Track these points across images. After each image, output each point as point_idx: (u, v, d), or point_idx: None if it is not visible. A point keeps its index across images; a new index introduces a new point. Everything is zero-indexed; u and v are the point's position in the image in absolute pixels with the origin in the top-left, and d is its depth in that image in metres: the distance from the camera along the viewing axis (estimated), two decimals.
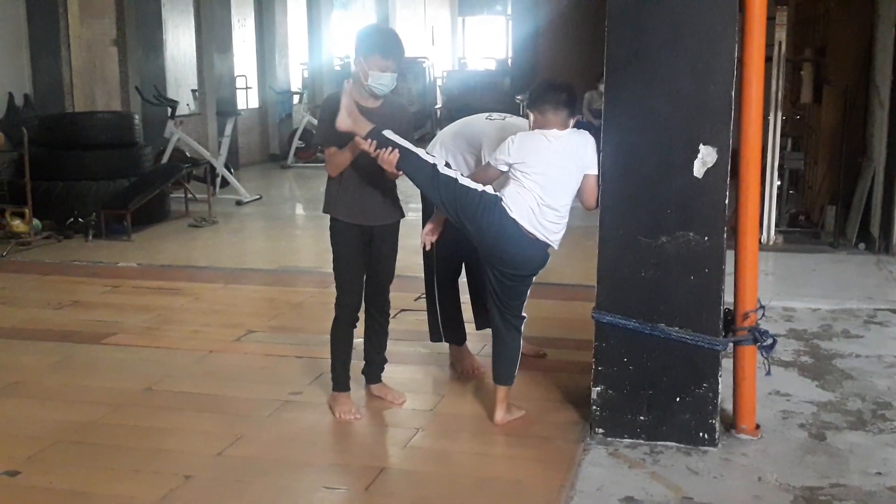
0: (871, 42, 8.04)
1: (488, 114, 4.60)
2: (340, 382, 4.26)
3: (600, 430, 3.90)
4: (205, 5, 13.32)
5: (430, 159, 3.94)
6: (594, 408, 3.91)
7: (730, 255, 3.78)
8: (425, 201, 4.47)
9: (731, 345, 3.85)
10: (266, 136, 15.46)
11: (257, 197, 11.11)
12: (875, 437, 3.94)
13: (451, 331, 4.80)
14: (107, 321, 5.78)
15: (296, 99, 15.83)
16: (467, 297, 4.88)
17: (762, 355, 3.87)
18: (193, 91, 13.33)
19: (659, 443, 3.83)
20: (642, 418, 3.85)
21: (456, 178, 3.90)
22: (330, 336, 4.25)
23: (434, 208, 4.17)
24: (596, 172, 3.89)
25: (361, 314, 4.27)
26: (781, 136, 8.07)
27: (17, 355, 5.15)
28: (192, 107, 13.23)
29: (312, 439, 4.05)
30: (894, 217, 7.30)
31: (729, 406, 3.97)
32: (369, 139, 3.84)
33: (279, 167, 14.40)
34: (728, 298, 3.80)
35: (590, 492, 3.45)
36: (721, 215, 3.68)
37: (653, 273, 3.76)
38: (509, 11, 23.79)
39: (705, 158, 3.65)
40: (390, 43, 3.99)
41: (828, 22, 8.62)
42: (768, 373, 4.01)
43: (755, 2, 3.68)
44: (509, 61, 20.10)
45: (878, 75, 7.78)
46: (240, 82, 14.56)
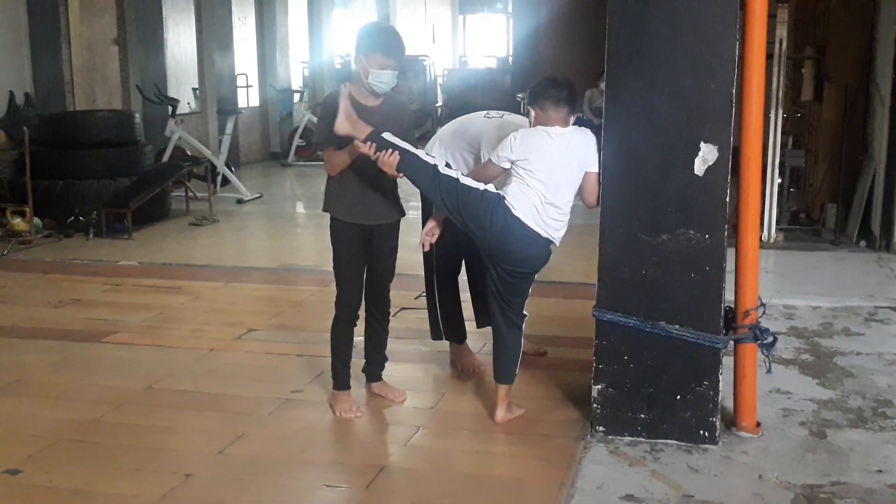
0: (871, 39, 8.03)
1: (486, 112, 4.60)
2: (341, 381, 4.26)
3: (601, 428, 3.90)
4: (205, 3, 13.31)
5: (430, 160, 3.93)
6: (595, 406, 3.91)
7: (730, 253, 3.78)
8: (425, 200, 4.46)
9: (732, 343, 3.85)
10: (267, 135, 15.47)
11: (258, 195, 11.12)
12: (875, 434, 3.94)
13: (452, 329, 4.80)
14: (108, 320, 5.78)
15: (296, 97, 15.83)
16: (468, 296, 4.88)
17: (763, 353, 3.87)
18: (194, 89, 13.32)
19: (659, 441, 3.83)
20: (643, 416, 3.85)
21: (457, 178, 3.88)
22: (330, 334, 4.25)
23: (433, 207, 4.16)
24: (597, 170, 3.89)
25: (361, 312, 4.28)
26: (782, 133, 8.05)
27: (18, 354, 5.16)
28: (193, 105, 13.22)
29: (313, 438, 4.05)
30: (895, 215, 7.30)
31: (729, 404, 3.97)
32: (368, 142, 3.83)
33: (280, 165, 14.41)
34: (729, 296, 3.80)
35: (590, 490, 3.45)
36: (722, 213, 3.68)
37: (653, 271, 3.76)
38: (510, 9, 23.74)
39: (706, 156, 3.64)
40: (391, 41, 3.99)
41: (829, 19, 8.60)
42: (769, 371, 4.01)
43: None
44: (510, 59, 20.07)
45: (878, 73, 7.77)
46: (240, 80, 14.55)
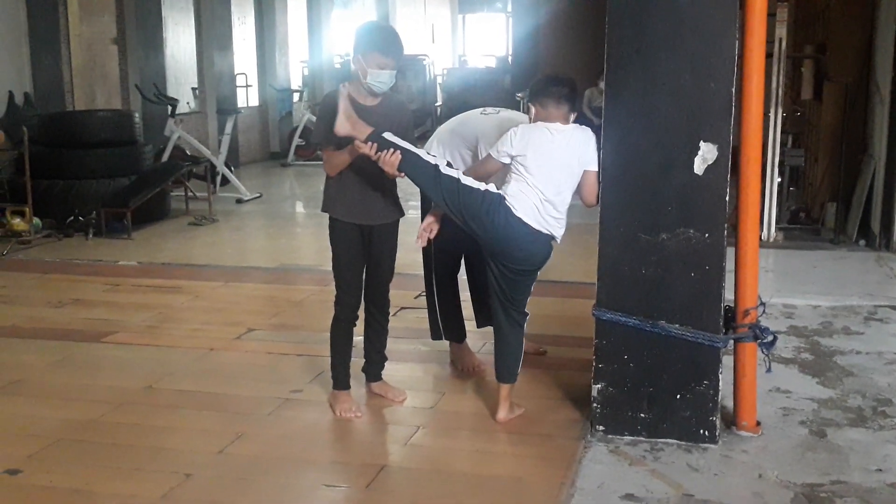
0: (871, 38, 8.03)
1: (483, 108, 4.59)
2: (341, 380, 4.26)
3: (601, 428, 3.90)
4: (205, 3, 13.32)
5: (431, 160, 3.93)
6: (595, 405, 3.91)
7: (730, 252, 3.78)
8: (424, 198, 4.46)
9: (732, 342, 3.85)
10: (266, 134, 15.48)
11: (258, 195, 11.12)
12: (875, 433, 3.94)
13: (451, 328, 4.79)
14: (107, 319, 5.78)
15: (296, 97, 15.85)
16: (467, 295, 4.87)
17: (762, 352, 3.87)
18: (194, 89, 13.33)
19: (659, 440, 3.83)
20: (643, 415, 3.85)
21: (458, 178, 3.88)
22: (330, 334, 4.25)
23: (432, 204, 4.15)
24: (596, 169, 3.89)
25: (361, 312, 4.28)
26: (782, 132, 8.05)
27: (18, 354, 5.15)
28: (193, 105, 13.23)
29: (313, 437, 4.05)
30: (895, 214, 7.30)
31: (729, 403, 3.97)
32: (369, 142, 3.83)
33: (279, 165, 14.41)
34: (728, 295, 3.80)
35: (590, 489, 3.45)
36: (721, 212, 3.68)
37: (653, 270, 3.76)
38: (509, 9, 23.75)
39: (706, 155, 3.64)
40: (389, 41, 3.98)
41: (828, 18, 8.61)
42: (769, 370, 4.01)
43: None
44: (510, 59, 20.05)
45: (878, 72, 7.77)
46: (240, 80, 14.57)
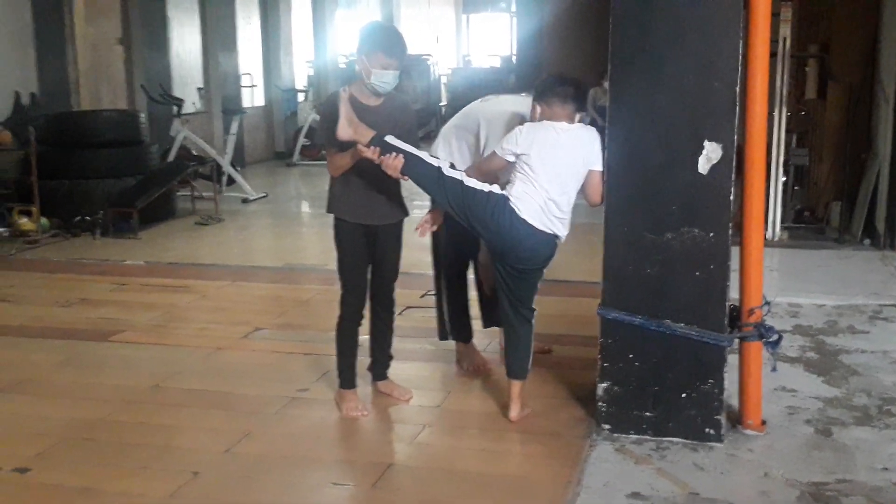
0: (875, 38, 8.03)
1: (483, 98, 4.61)
2: (347, 379, 4.27)
3: (607, 427, 3.91)
4: (210, 4, 13.34)
5: (434, 162, 3.93)
6: (600, 404, 3.92)
7: (735, 252, 3.78)
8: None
9: (737, 341, 3.85)
10: (272, 134, 15.50)
11: (263, 195, 11.14)
12: (881, 432, 3.95)
13: (458, 328, 4.81)
14: (114, 319, 5.80)
15: (301, 97, 15.86)
16: (474, 294, 4.88)
17: (768, 351, 3.88)
18: (199, 89, 13.35)
19: (665, 439, 3.84)
20: (648, 414, 3.86)
21: (461, 180, 3.88)
22: (336, 334, 4.26)
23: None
24: (601, 169, 3.89)
25: (367, 312, 4.29)
26: (786, 132, 8.04)
27: (26, 353, 5.17)
28: (198, 105, 13.25)
29: (319, 436, 4.06)
30: None
31: (735, 402, 3.98)
32: (372, 146, 3.83)
33: (285, 165, 14.43)
34: (733, 295, 3.80)
35: (596, 488, 3.46)
36: (726, 211, 3.69)
37: (658, 269, 3.77)
38: (513, 9, 23.69)
39: (710, 155, 3.65)
40: (393, 41, 3.98)
41: (832, 18, 8.60)
42: (774, 369, 4.01)
43: None
44: (514, 58, 20.03)
45: (882, 71, 7.76)
46: (245, 80, 14.59)
